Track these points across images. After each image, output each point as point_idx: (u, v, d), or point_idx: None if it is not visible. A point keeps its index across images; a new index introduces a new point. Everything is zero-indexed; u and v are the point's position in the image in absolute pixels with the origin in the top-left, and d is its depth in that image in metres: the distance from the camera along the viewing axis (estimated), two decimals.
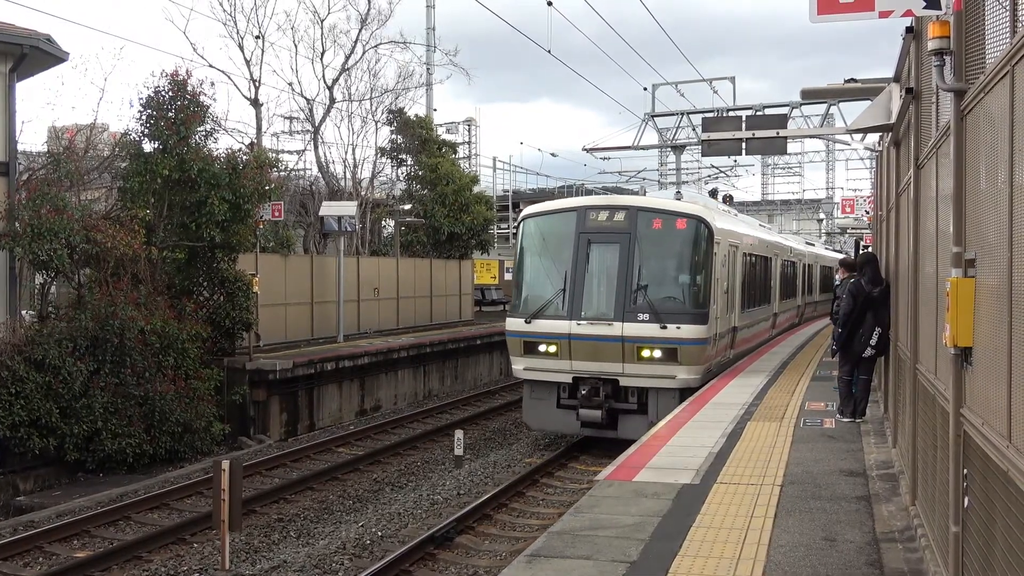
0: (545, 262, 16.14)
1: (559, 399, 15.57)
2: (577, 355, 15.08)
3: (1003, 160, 3.92)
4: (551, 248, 16.03)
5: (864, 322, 11.08)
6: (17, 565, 10.84)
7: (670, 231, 15.29)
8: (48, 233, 15.31)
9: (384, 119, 32.89)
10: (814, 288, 33.88)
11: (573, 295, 15.09)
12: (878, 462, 9.47)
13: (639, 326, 14.67)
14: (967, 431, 4.76)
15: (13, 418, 14.22)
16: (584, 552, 6.63)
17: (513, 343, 15.96)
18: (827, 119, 28.34)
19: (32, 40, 16.15)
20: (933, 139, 6.36)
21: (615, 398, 15.06)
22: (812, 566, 6.23)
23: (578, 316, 15.00)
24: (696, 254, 15.28)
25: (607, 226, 15.27)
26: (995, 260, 4.14)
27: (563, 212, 16.03)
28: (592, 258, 15.28)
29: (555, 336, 15.17)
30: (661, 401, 14.70)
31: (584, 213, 15.52)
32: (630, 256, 14.93)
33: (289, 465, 16.06)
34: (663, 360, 14.66)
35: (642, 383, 14.90)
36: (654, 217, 15.26)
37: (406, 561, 10.16)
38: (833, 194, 64.71)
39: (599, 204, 15.97)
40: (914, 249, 7.65)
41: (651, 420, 14.07)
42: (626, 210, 15.34)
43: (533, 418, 16.21)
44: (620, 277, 14.93)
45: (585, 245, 15.22)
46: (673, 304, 14.97)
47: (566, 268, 15.35)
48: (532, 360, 15.59)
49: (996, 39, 4.38)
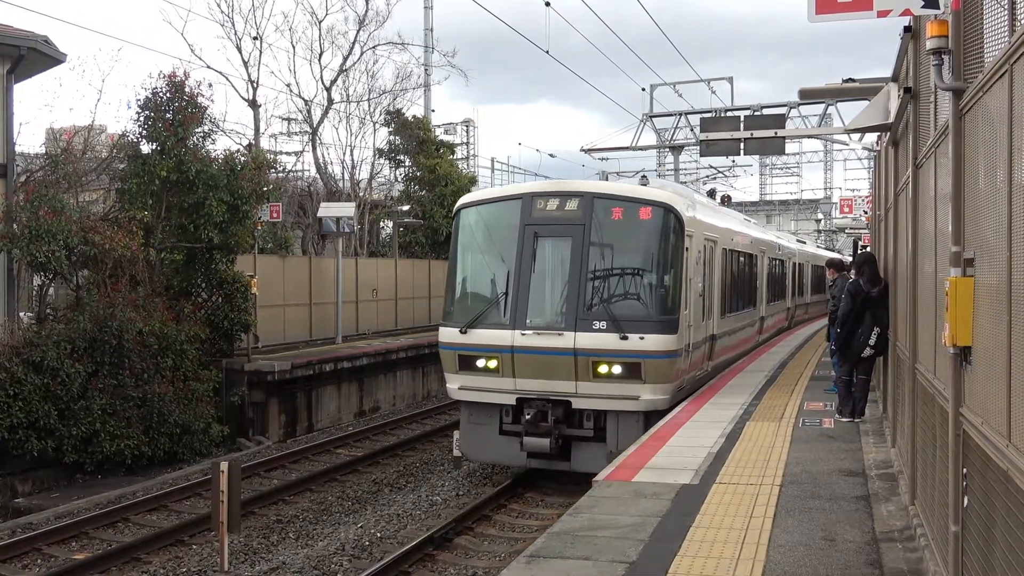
0: (484, 260, 13.89)
1: (501, 424, 13.19)
2: (522, 372, 12.75)
3: (1002, 159, 3.92)
4: (491, 243, 13.75)
5: (863, 322, 11.08)
6: (16, 567, 10.83)
7: (632, 222, 12.98)
8: (46, 235, 15.29)
9: (382, 120, 32.93)
10: (806, 289, 32.19)
11: (517, 300, 12.77)
12: (877, 462, 9.47)
13: (595, 336, 12.41)
14: (966, 430, 4.75)
15: (11, 420, 14.20)
16: (583, 552, 6.62)
17: (447, 357, 13.52)
18: (825, 119, 28.36)
19: (30, 41, 16.13)
20: (932, 139, 6.36)
21: (567, 423, 12.72)
22: (812, 566, 6.22)
23: (522, 325, 12.68)
24: (663, 249, 13.02)
25: (557, 216, 13.00)
26: (994, 259, 4.14)
27: (505, 200, 13.71)
28: (540, 255, 12.99)
29: (495, 349, 12.82)
30: (622, 427, 12.54)
31: (530, 201, 13.15)
32: (584, 252, 12.69)
33: (288, 466, 16.05)
34: (624, 377, 12.42)
35: (599, 405, 12.63)
36: (613, 205, 12.96)
37: (405, 562, 10.15)
38: (831, 194, 64.74)
39: (548, 190, 13.51)
40: (913, 249, 7.65)
41: (610, 450, 12.17)
42: (580, 197, 13.00)
43: (471, 447, 13.63)
44: (572, 278, 12.69)
45: (531, 239, 12.92)
46: (636, 310, 12.76)
47: (509, 267, 13.04)
48: (469, 377, 13.18)
49: (994, 38, 4.38)
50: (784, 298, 26.69)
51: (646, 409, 12.51)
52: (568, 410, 12.68)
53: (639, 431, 12.08)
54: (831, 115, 28.04)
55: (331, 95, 30.38)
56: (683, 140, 31.31)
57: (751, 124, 20.27)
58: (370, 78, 32.14)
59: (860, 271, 11.37)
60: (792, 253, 28.19)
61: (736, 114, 26.91)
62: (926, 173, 6.87)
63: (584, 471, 11.61)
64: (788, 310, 27.71)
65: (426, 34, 32.89)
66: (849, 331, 11.20)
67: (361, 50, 30.64)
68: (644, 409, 12.51)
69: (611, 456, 11.43)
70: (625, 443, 11.63)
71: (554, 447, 12.53)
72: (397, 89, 32.83)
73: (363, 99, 31.83)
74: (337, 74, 30.38)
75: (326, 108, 30.47)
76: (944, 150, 5.51)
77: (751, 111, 27.84)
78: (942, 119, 5.67)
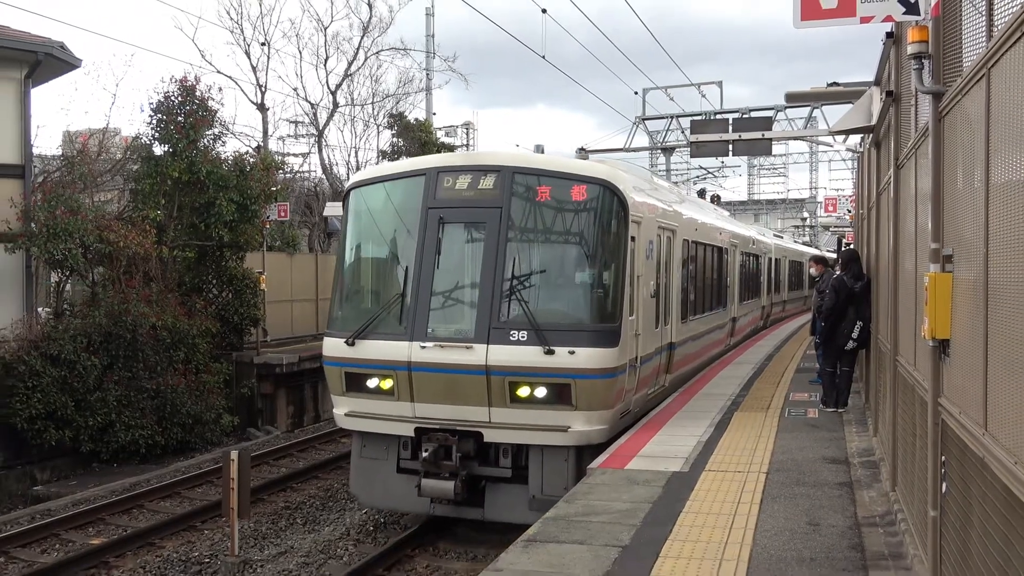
0: (377, 253, 10.98)
1: (399, 460, 10.12)
2: (422, 394, 9.64)
3: (979, 160, 3.92)
4: (387, 232, 10.61)
5: (846, 317, 11.10)
6: (35, 551, 10.85)
7: (562, 204, 9.92)
8: (63, 233, 15.29)
9: (385, 123, 32.92)
10: (782, 286, 29.31)
11: (416, 304, 9.72)
12: (860, 450, 9.47)
13: (512, 350, 9.32)
14: (945, 420, 4.76)
15: (30, 411, 14.22)
16: (578, 537, 6.62)
17: (331, 375, 10.34)
18: (810, 121, 28.40)
19: (46, 47, 16.09)
20: (912, 140, 6.35)
21: (480, 460, 9.71)
22: (796, 549, 6.23)
23: (422, 335, 9.58)
24: (601, 239, 9.99)
25: (469, 197, 9.91)
26: (971, 256, 4.14)
27: (406, 177, 10.50)
28: (446, 246, 9.90)
29: (389, 366, 9.71)
30: (548, 465, 9.51)
31: (435, 178, 10.04)
32: (500, 242, 9.63)
33: (295, 455, 16.06)
34: (549, 403, 9.38)
35: (518, 438, 9.54)
36: (538, 182, 9.85)
37: (408, 546, 10.16)
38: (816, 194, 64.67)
39: (457, 164, 10.40)
40: (894, 246, 7.65)
41: (533, 494, 9.50)
42: (497, 172, 9.88)
43: (362, 487, 10.46)
44: (486, 275, 9.62)
45: (436, 227, 9.83)
46: (565, 316, 9.77)
47: (407, 262, 10.05)
48: (359, 401, 10.08)
49: (973, 43, 4.37)
50: (759, 295, 24.09)
51: (578, 443, 9.47)
52: (480, 443, 9.67)
53: (570, 470, 9.41)
54: (816, 118, 28.11)
55: (336, 99, 30.41)
56: (674, 142, 31.26)
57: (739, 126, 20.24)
58: (374, 82, 32.15)
59: (846, 267, 11.38)
60: (767, 247, 26.05)
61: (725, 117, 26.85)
62: (907, 173, 6.87)
63: (500, 520, 9.63)
64: (763, 308, 25.48)
65: (428, 40, 32.80)
66: (833, 325, 11.21)
67: (365, 55, 30.66)
68: (576, 443, 9.46)
69: (535, 502, 9.25)
70: (552, 486, 9.29)
71: (460, 491, 9.50)
72: (400, 93, 32.87)
73: (367, 103, 31.88)
74: (342, 79, 30.38)
75: (332, 111, 30.47)
76: (924, 151, 5.51)
77: (739, 114, 27.81)
78: (922, 121, 5.67)
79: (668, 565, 5.95)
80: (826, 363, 11.82)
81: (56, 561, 10.22)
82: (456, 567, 9.67)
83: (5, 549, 10.72)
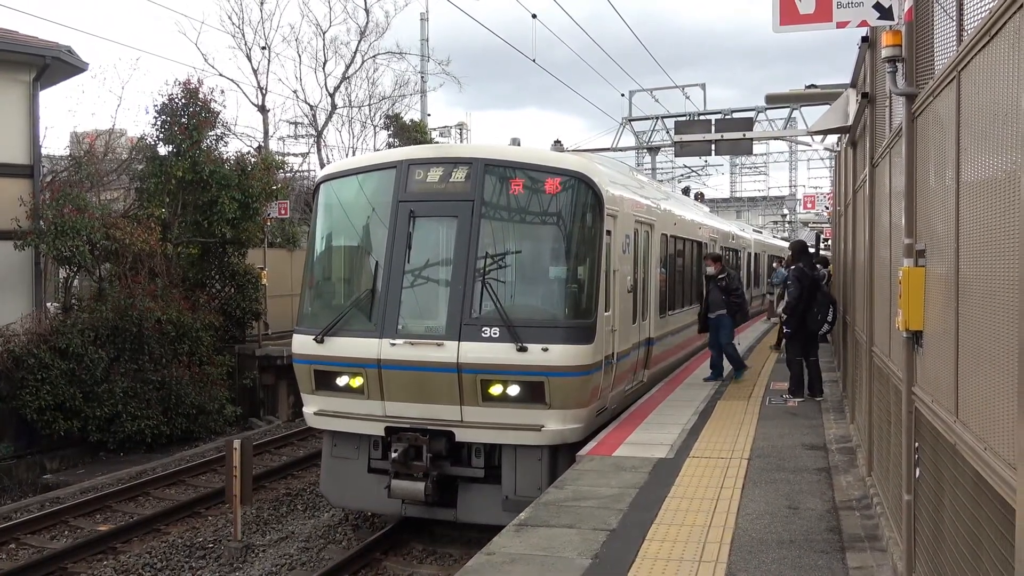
0: (348, 248, 10.56)
1: (370, 461, 9.68)
2: (393, 393, 9.19)
3: (950, 159, 3.93)
4: (357, 226, 10.21)
5: (816, 301, 11.24)
6: (45, 538, 10.82)
7: (535, 197, 9.48)
8: (71, 231, 15.24)
9: (382, 124, 32.86)
10: (761, 280, 28.77)
11: (386, 299, 9.25)
12: (837, 437, 9.51)
13: (485, 347, 8.86)
14: (918, 408, 4.77)
15: (40, 402, 14.18)
16: (568, 521, 6.63)
17: (301, 373, 9.92)
18: (790, 122, 28.42)
19: (54, 51, 16.01)
20: (886, 140, 6.37)
21: (452, 459, 9.25)
22: (777, 532, 6.25)
23: (392, 332, 9.11)
24: (576, 232, 9.51)
25: (440, 191, 9.44)
26: (943, 251, 4.15)
27: (376, 170, 10.02)
28: (417, 240, 9.40)
29: (359, 363, 9.26)
30: (521, 465, 9.08)
31: (406, 171, 9.57)
32: (472, 237, 9.16)
33: (296, 444, 16.04)
34: (523, 401, 8.92)
35: (491, 437, 9.10)
36: (510, 175, 9.41)
37: (404, 530, 10.16)
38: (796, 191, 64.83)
39: (428, 156, 9.88)
40: (870, 241, 7.67)
41: (507, 495, 9.06)
42: (469, 165, 9.42)
43: (332, 487, 10.03)
44: (457, 270, 9.17)
45: (406, 220, 9.37)
46: (538, 312, 9.30)
47: (377, 257, 9.60)
48: (328, 399, 9.62)
49: (944, 47, 4.38)
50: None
51: (552, 442, 9.01)
52: (452, 443, 9.19)
53: (544, 470, 8.99)
54: (795, 118, 28.12)
55: (335, 101, 30.34)
56: (659, 142, 31.24)
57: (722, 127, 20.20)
58: (371, 85, 32.13)
59: (797, 259, 11.54)
60: (747, 242, 25.61)
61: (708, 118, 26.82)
62: (882, 172, 6.89)
63: (473, 521, 9.18)
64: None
65: (422, 44, 32.73)
66: (803, 313, 11.28)
67: (362, 59, 30.57)
68: (550, 442, 9.00)
69: (508, 503, 8.88)
70: (526, 486, 8.92)
71: (431, 492, 9.04)
72: (396, 95, 32.82)
73: (364, 104, 31.81)
74: (340, 81, 30.30)
75: (330, 113, 30.41)
76: (898, 151, 5.52)
77: (722, 115, 27.81)
78: (896, 122, 5.68)
79: (654, 547, 5.97)
80: (794, 352, 11.81)
81: (65, 547, 10.19)
82: (425, 572, 9.13)
83: (16, 535, 10.69)
